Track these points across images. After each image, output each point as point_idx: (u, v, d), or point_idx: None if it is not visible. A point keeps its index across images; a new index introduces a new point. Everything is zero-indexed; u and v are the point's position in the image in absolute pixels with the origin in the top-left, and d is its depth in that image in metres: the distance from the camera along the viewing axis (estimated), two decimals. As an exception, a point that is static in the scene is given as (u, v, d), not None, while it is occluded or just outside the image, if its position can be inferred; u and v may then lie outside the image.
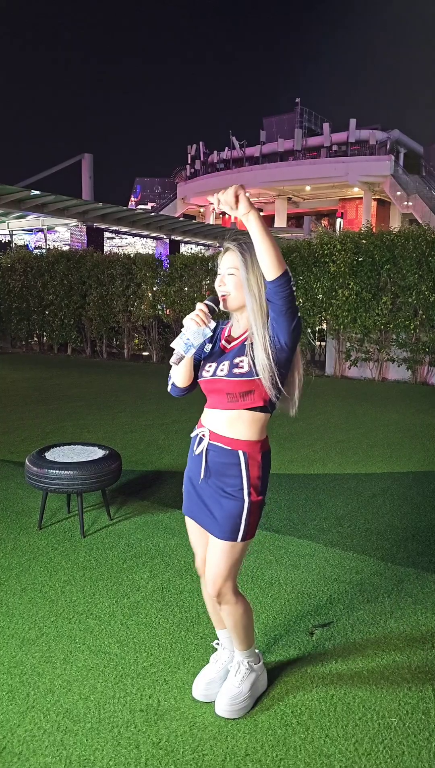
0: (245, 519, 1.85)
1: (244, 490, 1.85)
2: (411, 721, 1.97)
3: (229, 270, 1.84)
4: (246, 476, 1.85)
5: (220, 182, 35.88)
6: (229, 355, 1.86)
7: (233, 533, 1.86)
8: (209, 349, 1.93)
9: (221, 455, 1.86)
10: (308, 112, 37.99)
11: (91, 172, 27.92)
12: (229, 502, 1.85)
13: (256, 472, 1.86)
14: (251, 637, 2.04)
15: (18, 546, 3.28)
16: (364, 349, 10.14)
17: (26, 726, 1.93)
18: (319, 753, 1.83)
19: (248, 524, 1.87)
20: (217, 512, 1.87)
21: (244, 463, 1.85)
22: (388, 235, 9.72)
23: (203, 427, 1.92)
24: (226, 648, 2.13)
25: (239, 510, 1.85)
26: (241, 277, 1.81)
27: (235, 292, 1.84)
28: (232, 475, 1.86)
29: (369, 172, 31.32)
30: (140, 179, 42.58)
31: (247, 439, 1.86)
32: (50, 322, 13.58)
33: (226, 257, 1.85)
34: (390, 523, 3.70)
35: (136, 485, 4.34)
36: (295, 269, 10.43)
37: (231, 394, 1.83)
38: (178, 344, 1.80)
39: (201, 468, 1.90)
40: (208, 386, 1.89)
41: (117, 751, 1.83)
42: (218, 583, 1.89)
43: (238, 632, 2.00)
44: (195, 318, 1.80)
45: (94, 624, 2.51)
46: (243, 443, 1.86)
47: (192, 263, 11.82)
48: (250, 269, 1.79)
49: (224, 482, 1.86)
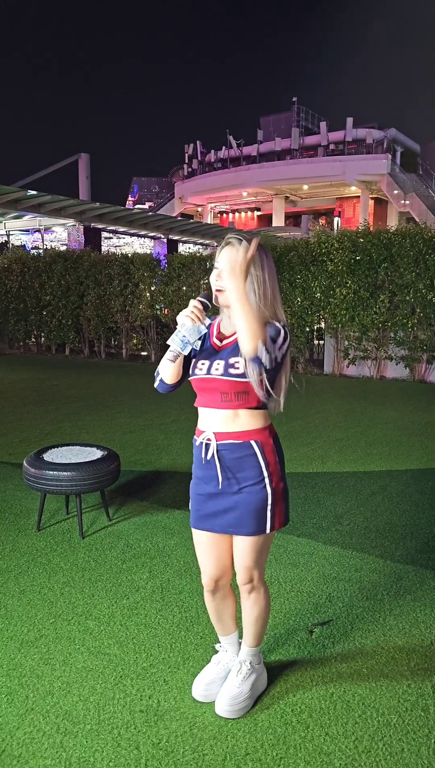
0: (271, 508, 1.86)
1: (265, 479, 1.85)
2: (410, 718, 1.97)
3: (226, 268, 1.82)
4: (264, 464, 1.85)
5: (217, 181, 35.90)
6: (223, 354, 1.85)
7: (260, 526, 1.86)
8: (199, 346, 1.91)
9: (234, 450, 1.85)
10: (305, 111, 37.99)
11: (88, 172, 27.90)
12: (251, 496, 1.85)
13: (272, 457, 1.87)
14: (263, 634, 2.07)
15: (16, 548, 3.28)
16: (362, 347, 10.15)
17: (25, 728, 1.93)
18: (319, 751, 1.83)
19: (275, 513, 1.87)
20: (241, 510, 1.86)
21: (260, 451, 1.85)
22: (386, 234, 9.72)
23: (205, 432, 1.89)
24: (229, 651, 2.13)
25: (263, 501, 1.85)
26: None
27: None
28: (249, 467, 1.85)
29: (366, 170, 31.33)
30: (137, 179, 42.55)
31: (254, 428, 1.86)
32: (48, 323, 13.57)
33: (225, 251, 1.83)
34: (389, 520, 3.70)
35: (135, 485, 4.34)
36: (292, 268, 10.43)
37: (225, 394, 1.83)
38: (174, 341, 1.80)
39: (217, 472, 1.87)
40: (201, 384, 1.87)
41: (117, 753, 1.83)
42: (249, 572, 1.92)
43: (258, 626, 2.02)
44: (190, 315, 1.79)
45: (93, 625, 2.51)
46: (252, 433, 1.85)
47: (190, 263, 11.82)
48: (255, 266, 1.78)
49: (244, 477, 1.85)
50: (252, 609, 1.99)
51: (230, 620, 2.09)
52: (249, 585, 1.95)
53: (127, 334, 12.94)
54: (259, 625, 2.02)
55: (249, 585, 1.95)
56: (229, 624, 2.09)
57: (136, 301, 12.45)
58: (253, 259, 1.74)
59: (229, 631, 2.10)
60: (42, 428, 6.09)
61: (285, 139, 34.87)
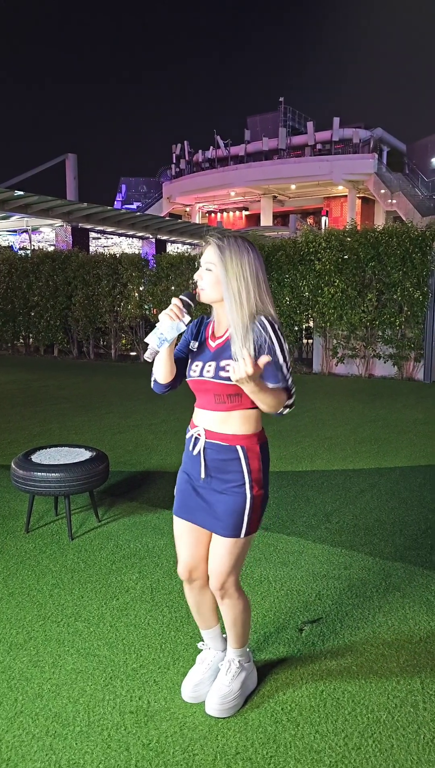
0: (248, 514, 1.85)
1: (245, 485, 1.84)
2: (400, 715, 1.98)
3: (207, 265, 1.81)
4: (247, 470, 1.84)
5: (205, 181, 35.91)
6: (214, 355, 1.84)
7: (236, 529, 1.85)
8: (196, 347, 1.91)
9: (219, 452, 1.85)
10: (292, 111, 38.08)
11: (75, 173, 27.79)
12: (231, 498, 1.84)
13: (256, 464, 1.86)
14: (246, 635, 2.05)
15: (5, 550, 3.26)
16: (350, 346, 10.19)
17: (15, 731, 1.91)
18: (309, 749, 1.84)
19: (251, 520, 1.86)
20: (220, 509, 1.85)
21: (244, 457, 1.84)
22: (373, 233, 9.77)
23: (197, 427, 1.90)
24: (212, 648, 2.13)
25: (242, 505, 1.84)
26: (218, 274, 1.78)
27: (209, 287, 1.81)
28: (232, 471, 1.84)
29: (353, 170, 31.49)
30: (125, 179, 42.43)
31: (243, 433, 1.85)
32: (36, 324, 13.50)
33: (206, 250, 1.82)
34: (378, 518, 3.72)
35: (124, 486, 4.33)
36: (280, 267, 10.46)
37: (218, 396, 1.82)
38: (151, 339, 1.78)
39: (200, 467, 1.88)
40: (195, 386, 1.88)
41: (107, 754, 1.82)
42: (222, 578, 1.90)
43: (237, 629, 2.00)
44: (169, 312, 1.78)
45: (82, 627, 2.50)
46: (240, 437, 1.85)
47: (178, 262, 11.81)
48: (229, 265, 1.76)
49: (225, 479, 1.85)
50: (227, 614, 1.98)
51: (210, 613, 2.07)
52: (221, 591, 1.93)
53: (115, 335, 12.91)
54: (237, 628, 2.00)
55: (221, 591, 1.93)
56: (208, 617, 2.07)
57: (124, 302, 12.42)
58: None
59: (209, 624, 2.09)
60: (30, 429, 6.06)
61: (272, 139, 34.94)
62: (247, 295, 1.77)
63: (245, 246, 1.80)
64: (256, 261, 1.80)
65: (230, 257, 1.77)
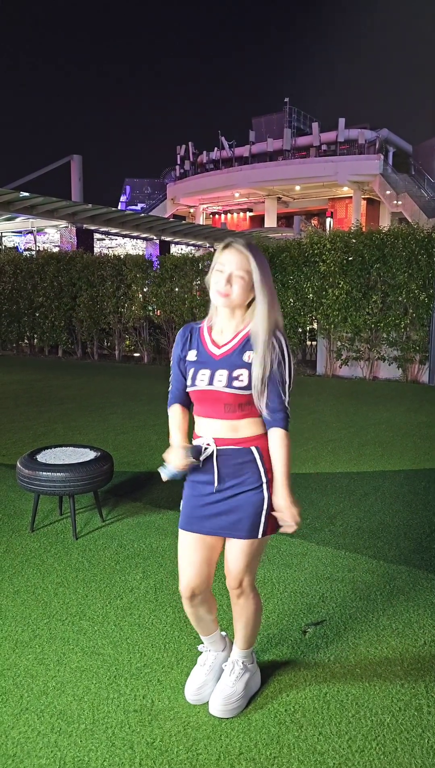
0: (266, 514, 1.86)
1: (263, 485, 1.86)
2: (404, 718, 1.99)
3: (240, 272, 1.79)
4: (263, 470, 1.86)
5: (209, 182, 35.92)
6: (225, 364, 1.83)
7: (254, 530, 1.87)
8: (195, 355, 1.89)
9: (234, 456, 1.86)
10: (297, 112, 38.08)
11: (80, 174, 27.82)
12: (249, 499, 1.85)
13: (270, 464, 1.87)
14: (255, 636, 2.06)
15: (10, 548, 3.27)
16: (354, 348, 10.18)
17: (20, 728, 1.93)
18: (312, 751, 1.84)
19: (268, 519, 1.87)
20: (237, 513, 1.86)
21: (259, 458, 1.86)
22: (378, 234, 9.76)
23: (202, 437, 1.89)
24: (212, 650, 2.13)
25: (259, 506, 1.85)
26: (253, 281, 1.80)
27: (239, 294, 1.81)
28: (249, 473, 1.86)
29: (358, 171, 31.45)
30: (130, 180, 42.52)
31: (255, 434, 1.86)
32: (41, 324, 13.53)
33: (232, 256, 1.80)
34: (382, 521, 3.72)
35: (128, 486, 4.34)
36: (285, 269, 10.46)
37: (229, 405, 1.83)
38: (163, 472, 1.88)
39: (213, 476, 1.87)
40: (202, 395, 1.86)
41: (111, 752, 1.83)
42: (240, 576, 1.92)
43: (248, 629, 2.01)
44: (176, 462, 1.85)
45: (87, 625, 2.51)
46: (253, 439, 1.86)
47: (182, 264, 11.82)
48: (263, 273, 1.80)
49: (242, 482, 1.86)
50: (241, 614, 1.99)
51: (210, 622, 2.07)
52: (238, 590, 1.94)
53: (119, 336, 12.93)
54: (248, 629, 2.01)
55: (238, 590, 1.94)
56: (209, 625, 2.07)
57: (128, 303, 12.44)
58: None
59: (209, 631, 2.09)
60: (35, 429, 6.08)
61: (277, 140, 34.92)
62: (276, 301, 1.84)
63: (259, 252, 1.84)
64: (268, 269, 1.86)
65: (262, 264, 1.81)
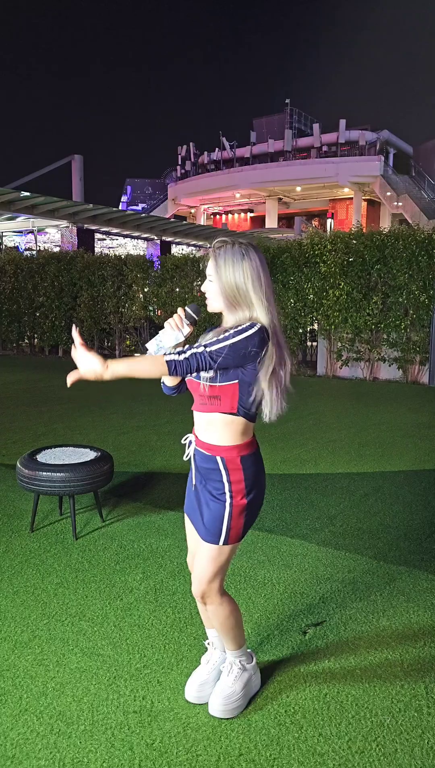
0: (227, 523, 1.86)
1: (225, 494, 1.86)
2: (404, 719, 1.98)
3: (209, 276, 1.85)
4: (226, 480, 1.86)
5: (210, 183, 35.91)
6: None
7: (216, 536, 1.87)
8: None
9: (204, 460, 1.90)
10: (298, 113, 38.09)
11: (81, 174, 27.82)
12: (214, 504, 1.87)
13: (236, 476, 1.86)
14: (240, 636, 2.04)
15: (10, 549, 3.27)
16: (355, 348, 10.18)
17: (19, 729, 1.92)
18: (312, 752, 1.84)
19: (230, 528, 1.86)
20: (205, 514, 1.89)
21: (223, 468, 1.86)
22: (379, 236, 9.76)
23: (192, 433, 1.97)
24: (217, 648, 2.13)
25: (221, 513, 1.86)
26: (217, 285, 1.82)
27: (212, 298, 1.85)
28: (214, 480, 1.88)
29: (359, 172, 31.44)
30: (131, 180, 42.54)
31: (223, 444, 1.86)
32: (41, 324, 13.53)
33: (208, 261, 1.86)
34: (382, 521, 3.72)
35: (128, 487, 4.34)
36: (285, 270, 10.46)
37: (202, 396, 1.86)
38: (151, 345, 1.85)
39: (192, 472, 1.96)
40: (189, 384, 1.93)
41: (111, 753, 1.83)
42: (203, 584, 1.91)
43: (226, 633, 2.00)
44: (170, 322, 1.83)
45: (86, 626, 2.50)
46: (220, 448, 1.86)
47: (183, 264, 11.82)
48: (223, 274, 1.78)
49: (210, 486, 1.89)
50: (213, 620, 1.99)
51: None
52: (202, 598, 1.94)
53: (120, 336, 12.93)
54: (225, 633, 2.00)
55: (202, 598, 1.94)
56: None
57: (129, 303, 12.44)
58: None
59: (212, 623, 2.10)
60: (35, 429, 6.08)
61: (278, 141, 34.93)
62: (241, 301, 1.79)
63: (241, 252, 1.78)
64: (253, 266, 1.78)
65: (224, 266, 1.78)
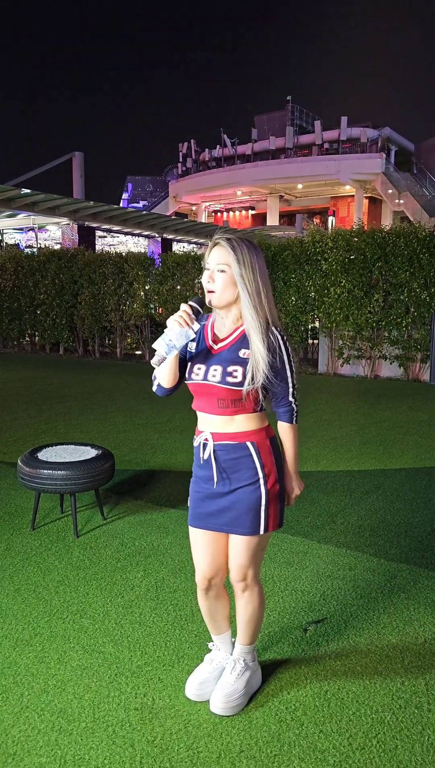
0: (265, 509, 1.87)
1: (259, 480, 1.86)
2: (404, 716, 1.99)
3: (220, 266, 1.80)
4: (259, 465, 1.86)
5: (211, 180, 35.87)
6: (220, 359, 1.83)
7: (255, 526, 1.87)
8: (194, 348, 1.90)
9: (230, 451, 1.86)
10: (299, 110, 38.00)
11: (81, 171, 27.78)
12: (247, 495, 1.86)
13: (268, 458, 1.87)
14: (258, 632, 2.07)
15: (11, 546, 3.28)
16: (356, 346, 10.18)
17: (20, 726, 1.93)
18: (313, 748, 1.84)
19: (268, 515, 1.88)
20: (237, 508, 1.87)
21: (255, 452, 1.86)
22: (380, 233, 9.75)
23: (203, 432, 1.90)
24: (222, 650, 2.13)
25: (257, 502, 1.86)
26: (233, 274, 1.79)
27: (222, 289, 1.80)
28: (245, 468, 1.86)
29: (360, 169, 31.39)
30: (132, 177, 42.45)
31: (250, 429, 1.86)
32: (42, 322, 13.54)
33: (215, 252, 1.81)
34: (383, 519, 3.72)
35: (129, 484, 4.34)
36: (287, 267, 10.45)
37: (222, 400, 1.83)
38: (159, 345, 1.77)
39: (213, 472, 1.89)
40: (197, 389, 1.87)
41: (112, 750, 1.83)
42: (243, 570, 1.92)
43: (252, 623, 2.02)
44: (178, 319, 1.76)
45: (88, 623, 2.51)
46: (248, 434, 1.86)
47: (184, 261, 11.81)
48: (244, 265, 1.77)
49: (239, 477, 1.86)
50: (245, 608, 2.00)
51: (223, 620, 2.09)
52: (242, 583, 1.95)
53: (121, 333, 12.93)
54: (252, 624, 2.02)
55: (242, 583, 1.95)
56: (221, 624, 2.09)
57: (130, 300, 12.43)
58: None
59: (221, 630, 2.10)
60: (36, 427, 6.08)
61: (279, 138, 34.87)
62: (265, 294, 1.81)
63: (253, 247, 1.82)
64: (260, 262, 1.82)
65: (243, 257, 1.78)
